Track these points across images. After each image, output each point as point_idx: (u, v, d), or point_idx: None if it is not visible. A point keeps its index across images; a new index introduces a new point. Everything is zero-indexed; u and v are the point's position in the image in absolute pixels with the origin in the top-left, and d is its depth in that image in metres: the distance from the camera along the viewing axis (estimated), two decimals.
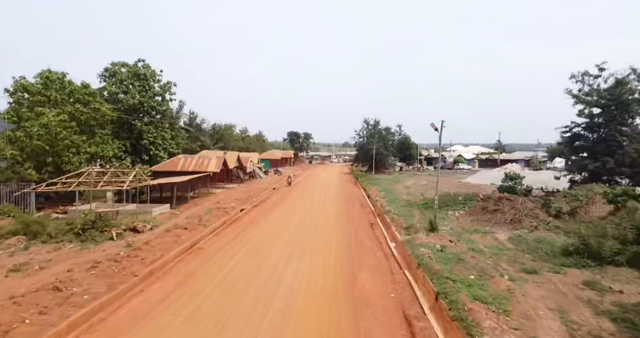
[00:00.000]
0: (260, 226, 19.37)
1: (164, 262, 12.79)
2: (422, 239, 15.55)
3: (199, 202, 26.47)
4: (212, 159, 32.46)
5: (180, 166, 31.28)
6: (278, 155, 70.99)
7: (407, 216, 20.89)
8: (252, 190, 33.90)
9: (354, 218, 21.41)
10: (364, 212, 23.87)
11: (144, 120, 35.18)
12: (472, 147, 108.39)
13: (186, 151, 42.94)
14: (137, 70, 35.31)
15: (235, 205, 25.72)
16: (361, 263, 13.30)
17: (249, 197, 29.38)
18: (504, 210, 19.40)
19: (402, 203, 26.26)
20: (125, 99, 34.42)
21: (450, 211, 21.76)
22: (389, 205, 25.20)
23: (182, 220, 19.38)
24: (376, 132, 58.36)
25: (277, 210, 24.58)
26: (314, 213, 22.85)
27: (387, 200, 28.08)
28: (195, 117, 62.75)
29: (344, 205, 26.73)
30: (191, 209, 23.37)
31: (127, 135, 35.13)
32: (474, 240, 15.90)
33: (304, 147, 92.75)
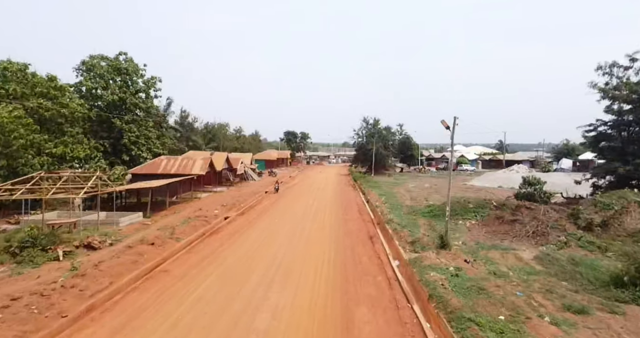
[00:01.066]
0: (242, 239, 16.74)
1: (110, 293, 10.17)
2: (432, 258, 12.96)
3: (179, 209, 23.83)
4: (197, 160, 29.83)
5: (161, 168, 28.63)
6: (274, 155, 68.33)
7: (412, 226, 18.30)
8: (241, 194, 31.27)
9: (351, 230, 18.80)
10: (362, 221, 21.26)
11: (125, 118, 32.52)
12: (473, 147, 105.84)
13: (173, 152, 40.31)
14: (118, 65, 32.68)
15: (220, 212, 23.10)
16: (358, 292, 10.70)
17: (236, 202, 26.76)
18: (524, 221, 16.82)
19: (404, 210, 23.67)
20: (105, 95, 31.77)
21: (461, 221, 19.17)
22: (390, 212, 22.61)
23: (152, 233, 16.74)
24: (376, 131, 55.73)
25: (265, 218, 21.96)
26: (306, 223, 20.23)
27: (388, 206, 25.48)
28: (187, 116, 60.04)
29: (340, 212, 24.11)
30: (167, 218, 20.73)
31: (107, 135, 32.53)
32: (494, 259, 13.32)
33: (301, 147, 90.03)
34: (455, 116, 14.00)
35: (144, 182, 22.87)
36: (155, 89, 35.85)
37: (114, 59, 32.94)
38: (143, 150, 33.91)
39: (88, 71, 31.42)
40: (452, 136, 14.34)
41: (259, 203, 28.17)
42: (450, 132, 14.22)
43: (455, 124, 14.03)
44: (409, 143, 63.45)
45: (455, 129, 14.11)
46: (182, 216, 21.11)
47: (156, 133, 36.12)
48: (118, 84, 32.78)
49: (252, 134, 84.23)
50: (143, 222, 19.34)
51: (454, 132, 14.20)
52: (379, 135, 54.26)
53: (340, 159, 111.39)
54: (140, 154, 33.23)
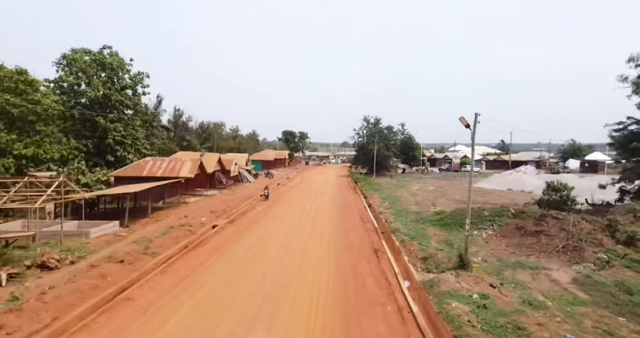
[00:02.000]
0: (228, 255, 14.58)
1: (48, 336, 8.01)
2: (451, 282, 10.83)
3: (163, 216, 21.65)
4: (186, 162, 27.66)
5: (146, 171, 26.46)
6: (271, 155, 66.12)
7: (421, 238, 16.17)
8: (233, 198, 29.11)
9: (353, 242, 16.63)
10: (365, 231, 19.10)
11: (110, 117, 30.33)
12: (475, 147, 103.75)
13: (163, 152, 38.12)
14: (102, 59, 30.47)
15: (207, 220, 20.95)
16: (364, 331, 8.56)
17: (227, 208, 24.60)
18: (550, 232, 14.71)
19: (411, 217, 21.56)
20: (87, 92, 29.57)
21: (476, 231, 17.02)
22: (395, 219, 20.50)
23: (125, 247, 14.60)
24: (377, 131, 53.56)
25: (257, 227, 19.79)
26: (302, 234, 18.07)
27: (392, 212, 23.37)
28: (181, 114, 57.93)
29: (341, 219, 21.95)
30: (147, 227, 18.56)
31: (90, 134, 30.31)
32: (524, 282, 11.20)
33: (299, 147, 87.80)
34: (476, 112, 11.86)
35: (122, 187, 20.71)
36: (142, 86, 33.63)
37: (98, 53, 30.74)
38: (130, 151, 31.74)
39: (69, 65, 29.21)
40: (473, 136, 12.21)
41: (252, 208, 26.01)
42: (471, 130, 12.07)
43: (477, 121, 11.88)
44: (411, 143, 61.29)
45: (476, 127, 11.96)
46: (165, 225, 18.95)
47: (144, 132, 33.93)
48: (102, 80, 30.57)
49: (250, 134, 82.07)
50: (118, 232, 17.16)
51: (475, 131, 12.05)
52: (380, 135, 52.10)
53: (340, 159, 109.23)
54: (126, 155, 31.05)
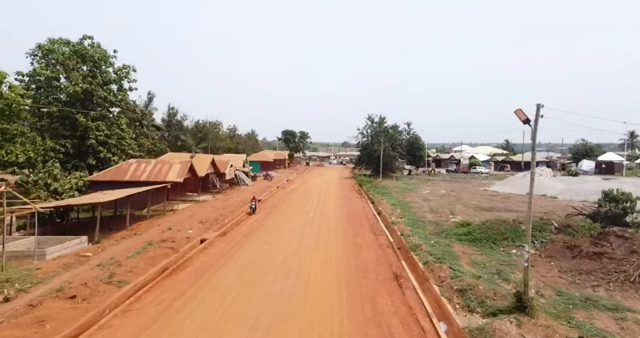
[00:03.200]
0: (212, 285, 11.65)
1: None
2: (512, 336, 7.94)
3: (143, 227, 18.77)
4: (174, 164, 24.77)
5: (129, 174, 23.58)
6: (270, 156, 63.19)
7: (448, 257, 13.28)
8: (227, 204, 26.20)
9: (366, 263, 13.71)
10: (379, 246, 16.18)
11: (91, 114, 27.45)
12: (481, 147, 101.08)
13: (153, 153, 35.22)
14: (83, 50, 27.58)
15: (195, 232, 18.08)
16: None
17: (219, 216, 21.72)
18: (615, 255, 11.83)
19: (429, 229, 18.71)
20: (66, 86, 26.68)
21: (514, 249, 14.11)
22: (412, 231, 17.63)
23: (85, 273, 11.72)
24: (382, 130, 50.69)
25: (252, 242, 16.88)
26: (305, 254, 15.13)
27: (406, 221, 20.49)
28: (176, 113, 55.08)
29: (349, 232, 19.02)
30: (121, 243, 15.66)
31: (69, 134, 27.45)
32: (607, 330, 8.30)
33: (300, 147, 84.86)
34: (539, 104, 8.93)
35: (96, 194, 17.84)
36: (129, 80, 30.77)
37: (78, 43, 27.87)
38: (114, 153, 28.90)
39: (45, 57, 26.33)
40: (534, 133, 9.26)
41: (248, 217, 23.11)
42: (531, 127, 9.15)
43: (540, 115, 8.96)
44: (418, 143, 58.38)
45: (538, 122, 9.04)
46: (143, 239, 16.06)
47: (130, 132, 31.05)
48: (83, 73, 27.70)
49: (248, 134, 79.12)
50: (84, 251, 14.26)
51: (537, 128, 9.13)
52: (386, 135, 49.19)
53: (342, 159, 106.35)
54: (110, 157, 28.20)
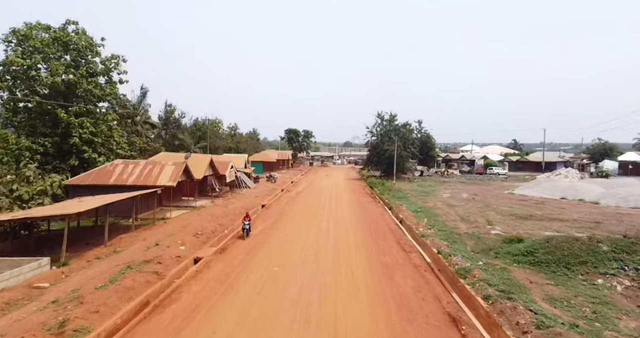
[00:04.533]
0: (204, 334, 8.51)
1: None
2: None
3: (125, 243, 15.64)
4: (167, 166, 21.66)
5: (114, 178, 20.49)
6: (273, 156, 60.02)
7: (513, 288, 10.12)
8: (228, 211, 23.10)
9: (407, 298, 10.49)
10: (415, 270, 13.00)
11: (73, 109, 24.37)
12: (490, 147, 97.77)
13: (146, 153, 32.11)
14: (65, 37, 24.47)
15: (188, 247, 15.00)
16: None
17: (218, 227, 18.63)
18: None
19: (468, 242, 15.61)
20: (44, 77, 23.58)
21: (600, 279, 10.92)
22: (449, 247, 14.53)
23: (29, 318, 8.59)
24: (393, 128, 47.51)
25: (257, 264, 13.74)
26: (323, 281, 11.95)
27: (438, 233, 17.34)
28: (173, 111, 51.97)
29: (373, 248, 15.85)
30: (93, 267, 12.52)
31: (50, 131, 24.37)
32: None
33: (304, 146, 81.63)
34: None
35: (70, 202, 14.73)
36: (119, 72, 27.67)
37: (60, 29, 24.77)
38: (101, 152, 25.80)
39: (20, 44, 23.24)
40: None
41: (252, 227, 19.95)
42: None
43: None
44: (430, 143, 55.16)
45: None
46: (123, 260, 12.95)
47: (119, 130, 27.97)
48: (65, 63, 24.61)
49: (250, 133, 75.98)
50: (39, 279, 11.13)
51: None
52: (396, 133, 46.00)
53: (346, 159, 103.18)
54: (95, 158, 25.06)
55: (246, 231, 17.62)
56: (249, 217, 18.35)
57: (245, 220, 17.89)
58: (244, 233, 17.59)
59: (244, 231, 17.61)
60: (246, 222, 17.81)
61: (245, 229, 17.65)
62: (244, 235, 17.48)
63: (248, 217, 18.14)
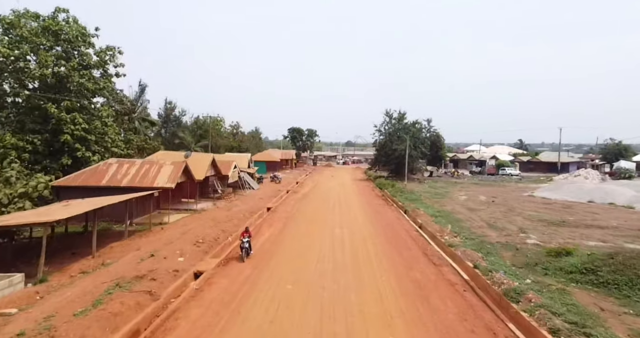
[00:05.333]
0: None
1: None
2: None
3: (116, 253, 13.81)
4: (165, 166, 19.84)
5: (107, 178, 18.68)
6: (276, 156, 58.17)
7: (584, 319, 8.24)
8: (231, 215, 21.27)
9: (454, 331, 8.62)
10: (452, 290, 11.12)
11: (65, 104, 22.57)
12: (497, 147, 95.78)
13: (144, 151, 30.29)
14: (56, 26, 22.65)
15: (187, 258, 13.17)
16: None
17: (220, 233, 16.79)
18: None
19: (505, 254, 13.74)
20: (32, 70, 21.78)
21: None
22: (484, 259, 12.67)
23: None
24: (402, 127, 45.59)
25: (266, 279, 11.88)
26: (348, 306, 9.96)
27: (467, 242, 15.46)
28: (173, 108, 50.22)
29: (398, 261, 13.98)
30: (75, 285, 10.68)
31: (39, 128, 22.58)
32: None
33: (307, 145, 79.74)
34: None
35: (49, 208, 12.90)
36: (115, 65, 25.85)
37: (50, 17, 22.95)
38: (95, 151, 24.03)
39: (6, 32, 21.44)
40: None
41: (257, 233, 18.13)
42: None
43: None
44: (439, 142, 53.20)
45: None
46: (111, 275, 11.12)
47: (115, 126, 26.17)
48: (56, 54, 22.82)
49: (252, 131, 74.13)
50: (6, 303, 9.28)
51: None
52: (407, 132, 44.08)
53: (350, 159, 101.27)
54: (89, 156, 23.28)
55: (245, 250, 13.80)
56: (249, 232, 14.52)
57: (244, 236, 14.07)
58: (242, 253, 13.75)
59: (243, 250, 13.77)
60: (245, 238, 13.95)
61: (244, 248, 13.79)
62: (243, 255, 13.69)
63: (248, 233, 14.33)
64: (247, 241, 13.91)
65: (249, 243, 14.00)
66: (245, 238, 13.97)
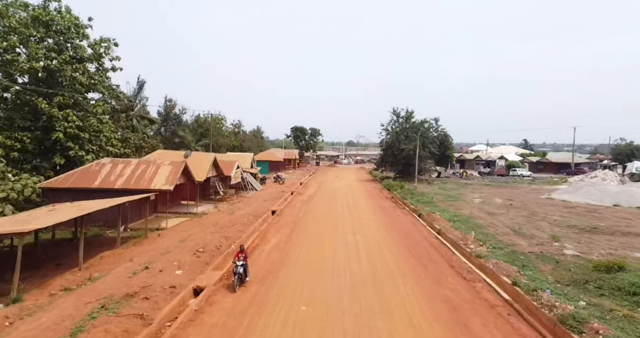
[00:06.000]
0: None
1: None
2: None
3: (107, 264, 12.30)
4: (163, 166, 18.33)
5: (100, 180, 17.17)
6: (279, 155, 56.64)
7: None
8: (234, 219, 19.75)
9: None
10: (494, 313, 9.58)
11: (57, 100, 21.09)
12: (503, 147, 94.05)
13: (142, 150, 28.76)
14: (46, 16, 21.15)
15: (186, 271, 11.68)
16: None
17: (223, 240, 15.27)
18: None
19: (543, 267, 12.18)
20: (22, 63, 20.28)
21: None
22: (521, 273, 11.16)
23: None
24: (411, 126, 44.02)
25: (276, 299, 10.34)
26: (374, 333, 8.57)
27: (495, 252, 13.91)
28: (174, 106, 48.72)
29: (423, 276, 12.44)
30: (53, 306, 9.15)
31: (29, 125, 21.12)
32: None
33: (310, 145, 78.15)
34: None
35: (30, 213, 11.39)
36: (111, 58, 24.36)
37: (40, 7, 21.45)
38: (89, 150, 22.56)
39: None
40: None
41: (263, 240, 16.61)
42: None
43: None
44: (447, 142, 51.59)
45: None
46: (97, 293, 9.64)
47: (110, 123, 24.67)
48: (48, 46, 21.35)
49: (254, 130, 72.54)
50: None
51: None
52: (415, 131, 42.48)
53: (353, 159, 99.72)
54: (83, 155, 21.81)
55: (239, 277, 10.53)
56: (245, 252, 11.24)
57: (238, 258, 10.84)
58: (234, 280, 10.44)
59: (236, 277, 10.47)
60: (239, 261, 10.73)
61: (238, 274, 10.49)
62: (235, 283, 10.40)
63: (243, 253, 11.10)
64: (241, 265, 10.71)
65: (244, 267, 10.81)
66: (240, 260, 10.78)
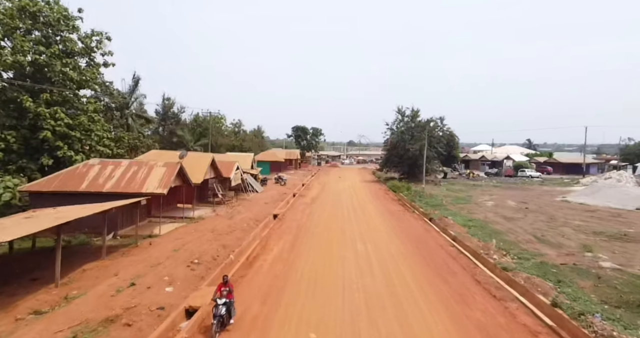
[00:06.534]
0: None
1: None
2: None
3: (88, 279, 10.92)
4: (156, 167, 16.94)
5: (87, 182, 15.79)
6: (281, 156, 55.19)
7: None
8: (233, 224, 18.37)
9: None
10: None
11: (44, 97, 19.72)
12: (508, 147, 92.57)
13: (137, 150, 27.34)
14: (34, 7, 19.78)
15: (178, 288, 10.35)
16: None
17: (219, 248, 13.90)
18: None
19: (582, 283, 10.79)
20: (5, 56, 18.90)
21: None
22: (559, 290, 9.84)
23: None
24: (417, 125, 42.59)
25: (280, 324, 8.94)
26: None
27: (528, 267, 12.51)
28: (172, 105, 47.34)
29: (446, 293, 11.00)
30: (24, 332, 7.74)
31: (15, 123, 19.75)
32: None
33: (312, 145, 76.71)
34: None
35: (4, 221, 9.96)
36: (103, 52, 22.99)
37: None
38: (79, 150, 21.19)
39: None
40: None
41: (264, 249, 15.19)
42: None
43: None
44: (453, 141, 50.14)
45: None
46: (71, 318, 8.28)
47: (102, 122, 23.28)
48: (35, 39, 19.98)
49: (254, 130, 71.11)
50: None
51: None
52: (421, 130, 41.05)
53: (354, 159, 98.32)
54: (72, 156, 20.42)
55: (219, 320, 7.75)
56: (229, 285, 8.41)
57: (220, 293, 8.09)
58: (214, 323, 7.68)
59: (216, 320, 7.71)
60: (220, 299, 7.94)
61: (219, 316, 7.75)
62: (215, 328, 7.64)
63: (226, 286, 8.30)
64: (223, 303, 7.88)
65: (227, 306, 7.94)
66: (222, 298, 7.95)
